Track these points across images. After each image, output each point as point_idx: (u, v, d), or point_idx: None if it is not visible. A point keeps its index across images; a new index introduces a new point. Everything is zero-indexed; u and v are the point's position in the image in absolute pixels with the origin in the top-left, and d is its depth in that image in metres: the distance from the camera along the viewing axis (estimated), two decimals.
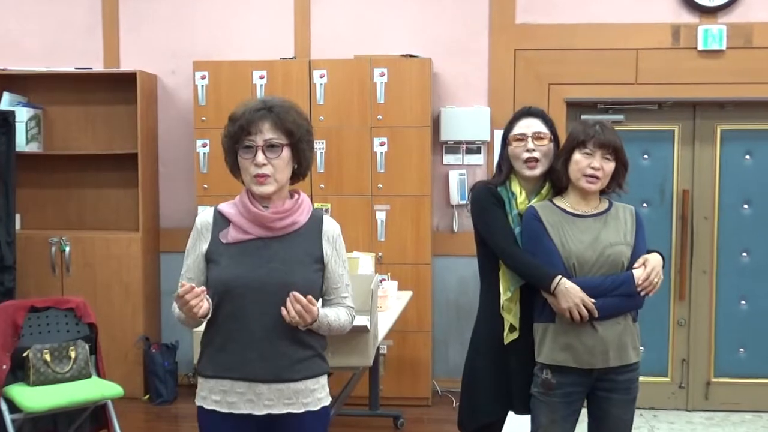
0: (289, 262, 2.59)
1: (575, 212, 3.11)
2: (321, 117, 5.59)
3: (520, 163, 3.22)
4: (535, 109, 3.32)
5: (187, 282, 2.62)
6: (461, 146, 5.86)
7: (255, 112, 2.57)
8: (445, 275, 5.95)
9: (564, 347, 3.05)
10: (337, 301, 2.71)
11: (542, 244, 3.07)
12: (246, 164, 2.58)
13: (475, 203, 3.29)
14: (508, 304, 3.19)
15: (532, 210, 3.13)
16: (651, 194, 5.86)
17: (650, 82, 5.70)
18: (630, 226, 3.12)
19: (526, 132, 3.22)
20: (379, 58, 5.67)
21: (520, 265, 3.12)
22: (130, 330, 5.84)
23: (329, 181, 5.64)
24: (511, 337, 3.19)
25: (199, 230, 2.66)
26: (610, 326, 3.04)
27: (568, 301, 2.99)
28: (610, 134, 3.08)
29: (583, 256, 3.03)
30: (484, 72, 5.88)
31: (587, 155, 3.06)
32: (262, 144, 2.55)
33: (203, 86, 5.70)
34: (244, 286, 2.55)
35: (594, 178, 3.05)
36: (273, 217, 2.59)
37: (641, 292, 3.03)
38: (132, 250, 5.83)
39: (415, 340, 5.69)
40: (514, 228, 3.18)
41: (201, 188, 5.71)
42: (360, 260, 4.64)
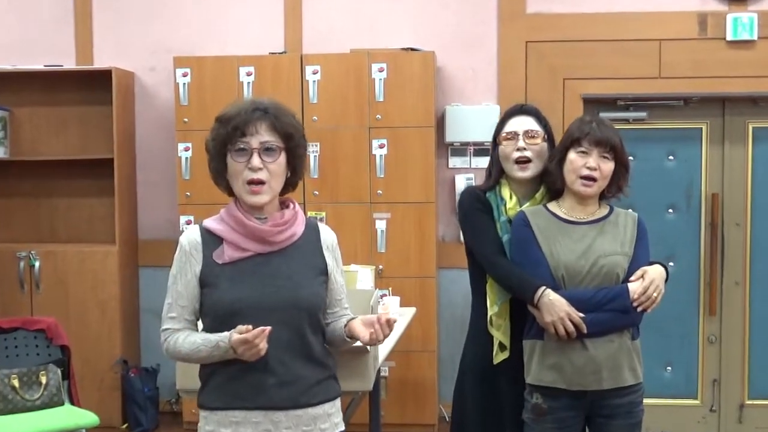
0: (295, 278, 2.60)
1: (569, 218, 3.11)
2: (314, 117, 5.60)
3: (510, 164, 3.23)
4: (528, 106, 3.34)
5: (181, 310, 2.61)
6: (468, 148, 5.86)
7: (251, 112, 2.57)
8: (452, 289, 5.95)
9: (552, 367, 3.05)
10: (342, 313, 2.74)
11: (529, 253, 3.07)
12: (238, 169, 2.57)
13: (461, 209, 3.32)
14: (497, 319, 3.20)
15: (521, 215, 3.13)
16: (677, 199, 5.87)
17: (675, 76, 5.71)
18: (630, 235, 3.11)
19: (517, 130, 3.24)
20: (377, 52, 5.68)
21: (502, 274, 3.14)
22: (106, 352, 5.83)
23: (324, 188, 5.65)
24: (500, 357, 3.20)
25: (188, 251, 2.62)
26: (603, 344, 3.02)
27: (552, 315, 2.98)
28: (608, 131, 3.08)
29: (573, 267, 3.02)
30: (492, 66, 5.89)
31: (583, 154, 3.06)
32: (258, 146, 2.55)
33: (185, 84, 5.71)
34: (251, 307, 2.54)
35: (590, 180, 3.05)
36: (273, 230, 2.59)
37: (637, 308, 3.02)
38: (108, 264, 5.83)
39: (419, 360, 5.69)
40: (502, 236, 3.19)
41: (183, 196, 5.72)
42: (358, 274, 4.64)
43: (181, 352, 2.61)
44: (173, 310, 2.63)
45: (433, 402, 5.73)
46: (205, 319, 2.62)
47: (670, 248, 5.79)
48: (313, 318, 2.62)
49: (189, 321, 2.63)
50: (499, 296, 3.18)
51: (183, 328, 2.62)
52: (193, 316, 2.64)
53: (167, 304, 2.65)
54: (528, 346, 3.12)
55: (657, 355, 5.84)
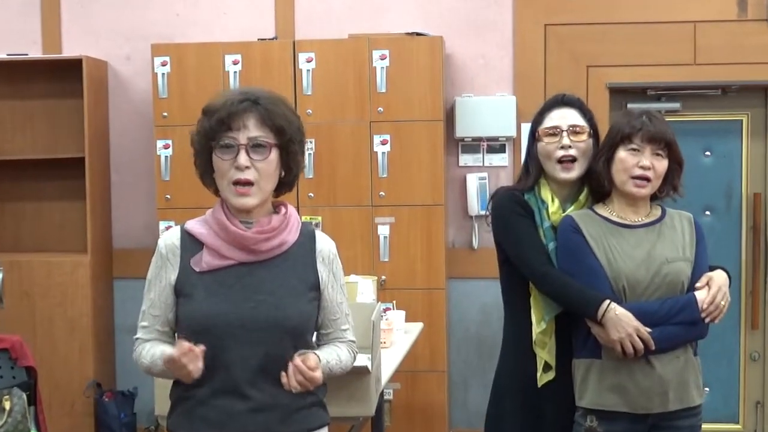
0: (280, 293, 2.58)
1: (622, 222, 3.11)
2: (309, 110, 5.60)
3: (552, 164, 3.22)
4: (570, 97, 3.32)
5: (153, 319, 2.62)
6: (481, 144, 5.86)
7: (238, 103, 2.55)
8: (464, 303, 5.94)
9: (613, 388, 3.04)
10: (336, 336, 2.72)
11: (584, 262, 3.06)
12: (224, 167, 2.56)
13: (497, 214, 3.29)
14: (542, 337, 3.18)
15: (569, 220, 3.12)
16: (715, 199, 5.87)
17: (712, 62, 5.71)
18: (689, 238, 3.12)
19: (560, 125, 3.22)
20: (379, 37, 5.68)
21: (557, 288, 3.11)
22: (77, 374, 5.83)
23: (320, 189, 5.65)
24: (545, 378, 3.19)
25: (164, 255, 2.63)
26: (669, 361, 3.04)
27: (620, 332, 2.98)
28: (661, 125, 3.09)
29: (635, 276, 3.03)
30: (507, 53, 5.89)
31: (634, 152, 3.06)
32: (246, 142, 2.54)
33: (164, 75, 5.71)
34: (227, 324, 2.54)
35: (644, 180, 3.06)
36: (257, 237, 2.57)
37: (706, 318, 3.04)
38: (79, 276, 5.83)
39: (427, 382, 5.68)
40: (547, 244, 3.18)
41: (163, 199, 5.72)
42: (359, 285, 4.63)
43: (143, 364, 2.63)
44: (145, 318, 2.65)
45: (443, 429, 5.73)
46: (179, 332, 2.62)
47: (710, 255, 5.77)
48: (298, 340, 2.59)
49: (161, 332, 2.64)
50: (547, 311, 3.16)
51: (153, 338, 2.63)
52: (166, 326, 2.64)
53: (141, 312, 2.66)
54: (582, 366, 3.11)
55: None
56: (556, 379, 3.17)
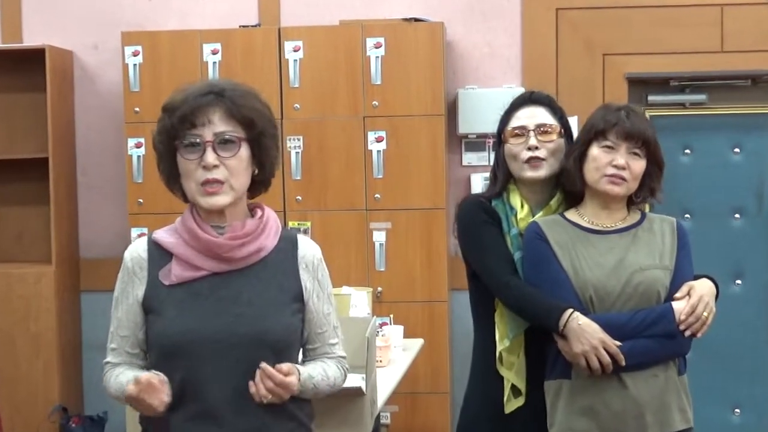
0: (259, 304, 2.57)
1: (593, 227, 3.11)
2: (296, 105, 5.60)
3: (519, 165, 3.22)
4: (539, 94, 3.33)
5: (121, 341, 2.61)
6: (486, 141, 5.86)
7: (201, 96, 2.55)
8: (468, 316, 5.90)
9: (583, 411, 3.02)
10: (324, 350, 2.70)
11: (548, 272, 3.06)
12: (190, 167, 2.54)
13: (461, 223, 3.30)
14: (508, 356, 3.18)
15: (534, 227, 3.13)
16: (744, 200, 5.86)
17: (741, 50, 5.72)
18: (669, 244, 3.10)
19: (527, 124, 3.23)
20: (373, 23, 5.68)
21: (518, 299, 3.12)
22: (41, 397, 5.82)
23: (309, 192, 5.65)
24: (514, 404, 3.17)
25: (130, 269, 2.62)
26: (645, 380, 3.01)
27: (583, 344, 2.95)
28: (640, 122, 3.08)
29: (604, 286, 3.01)
30: (515, 40, 5.90)
31: (608, 149, 3.05)
32: (213, 139, 2.53)
33: (136, 66, 5.71)
34: (201, 342, 2.53)
35: (619, 179, 3.05)
36: (231, 244, 2.56)
37: (685, 331, 3.00)
38: (43, 288, 5.82)
39: (428, 404, 5.68)
40: (514, 253, 3.18)
41: (135, 204, 5.71)
42: (352, 298, 4.64)
43: (111, 393, 2.62)
44: (114, 339, 2.63)
45: None
46: (151, 353, 2.60)
47: (737, 262, 5.79)
48: (281, 357, 2.55)
49: (131, 354, 2.63)
50: (512, 327, 3.15)
51: (123, 362, 2.62)
52: (136, 348, 2.62)
53: (110, 333, 2.65)
54: (552, 387, 3.09)
55: (722, 395, 5.82)
56: (528, 405, 3.16)
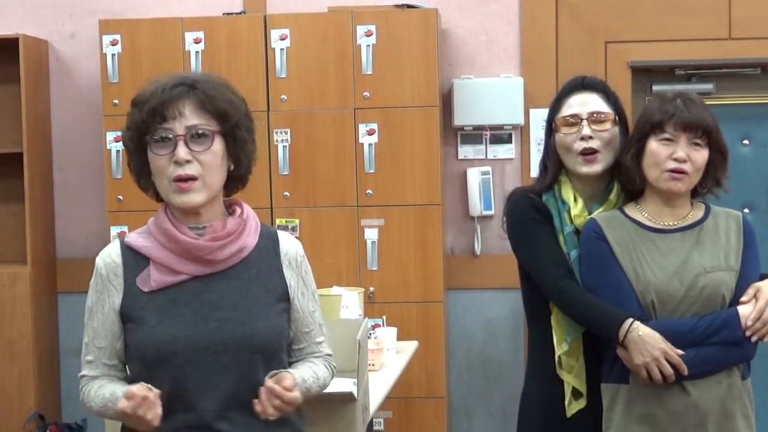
0: (244, 307, 2.59)
1: (655, 226, 3.11)
2: (283, 96, 5.59)
3: (572, 157, 3.23)
4: (591, 79, 3.33)
5: (98, 352, 2.61)
6: (483, 133, 5.86)
7: (171, 89, 2.55)
8: (466, 318, 5.94)
9: (641, 418, 3.04)
10: (311, 350, 2.73)
11: (607, 274, 3.07)
12: (161, 163, 2.55)
13: (510, 221, 3.32)
14: (567, 360, 3.20)
15: (592, 224, 3.13)
16: (754, 195, 5.87)
17: (750, 37, 5.72)
18: (735, 243, 3.10)
19: (580, 112, 3.23)
20: (364, 10, 5.67)
21: (574, 305, 3.13)
22: (16, 405, 5.81)
23: (297, 188, 5.64)
24: (575, 407, 3.20)
25: (104, 277, 2.62)
26: (708, 387, 3.02)
27: (645, 355, 2.99)
28: (699, 110, 3.07)
29: (666, 290, 3.02)
30: (514, 27, 5.89)
31: (667, 142, 3.05)
32: (184, 133, 2.53)
33: (114, 55, 5.70)
34: (187, 350, 2.53)
35: (680, 174, 3.04)
36: (212, 245, 2.57)
37: (751, 337, 3.02)
38: (17, 290, 5.82)
39: (423, 410, 5.67)
40: (568, 252, 3.19)
41: (114, 201, 5.70)
42: (343, 298, 4.63)
43: (93, 408, 2.61)
44: (90, 351, 2.63)
45: None
46: (131, 363, 2.61)
47: None
48: (270, 360, 2.59)
49: (109, 366, 2.63)
50: (569, 331, 3.18)
51: (101, 375, 2.62)
52: (114, 359, 2.63)
53: (84, 345, 2.65)
54: (609, 391, 3.11)
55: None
56: (588, 408, 3.18)
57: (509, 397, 5.70)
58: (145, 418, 2.43)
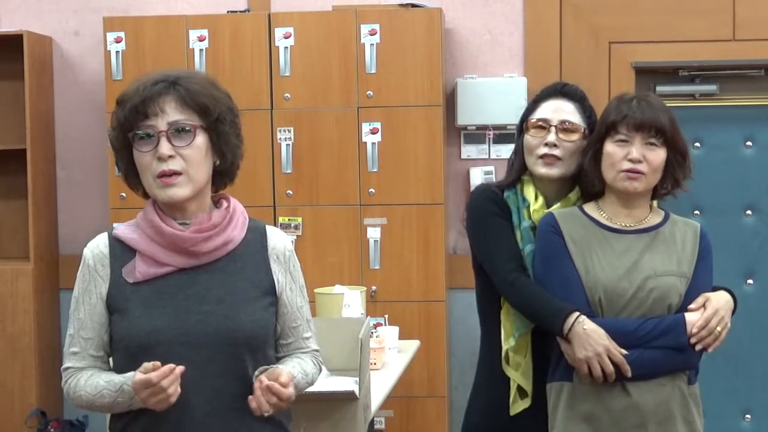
0: (229, 301, 2.59)
1: (611, 225, 3.11)
2: (286, 95, 5.60)
3: (533, 159, 3.24)
4: (571, 88, 3.32)
5: (85, 343, 2.60)
6: (487, 133, 5.87)
7: (152, 86, 2.56)
8: (467, 317, 5.93)
9: (584, 417, 3.04)
10: (298, 345, 2.74)
11: (557, 267, 3.07)
12: (145, 160, 2.57)
13: (470, 214, 3.34)
14: (514, 356, 3.20)
15: (549, 218, 3.13)
16: (756, 196, 5.86)
17: (754, 38, 5.72)
18: (690, 251, 3.10)
19: (551, 118, 3.23)
20: (368, 9, 5.67)
21: (522, 298, 3.13)
22: (18, 401, 5.82)
23: (300, 186, 5.65)
24: (520, 406, 3.20)
25: (92, 267, 2.63)
26: (651, 389, 3.02)
27: (587, 350, 2.98)
28: (652, 109, 3.06)
29: (615, 288, 3.02)
30: (517, 27, 5.89)
31: (622, 143, 3.05)
32: (166, 129, 2.55)
33: (118, 53, 5.70)
34: (170, 342, 2.53)
35: (636, 173, 3.04)
36: (196, 237, 2.58)
37: (696, 345, 3.02)
38: (20, 287, 5.83)
39: (424, 409, 5.69)
40: (524, 247, 3.19)
41: (116, 198, 5.71)
42: (345, 297, 4.64)
43: (82, 398, 2.59)
44: (76, 343, 2.62)
45: None
46: (116, 355, 2.61)
47: (749, 261, 5.79)
48: (256, 354, 2.60)
49: (96, 357, 2.62)
50: (518, 326, 3.18)
51: (88, 366, 2.61)
52: (101, 350, 2.63)
53: (69, 336, 2.64)
54: (553, 390, 3.11)
55: (732, 400, 5.83)
56: (534, 408, 3.17)
57: None
58: (167, 391, 2.42)
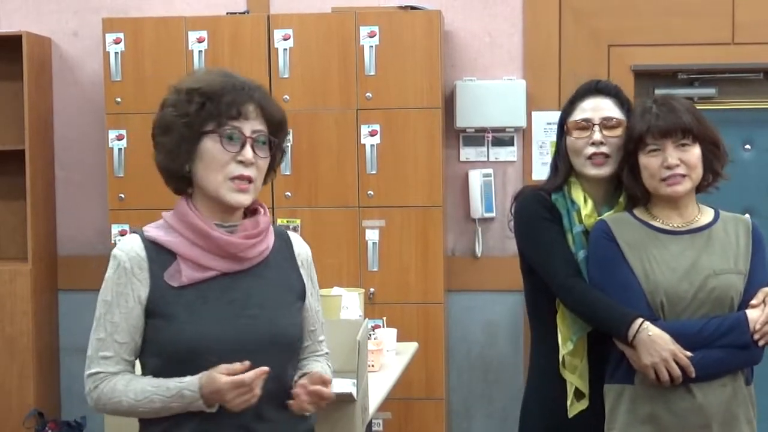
0: (270, 305, 2.62)
1: (665, 227, 3.11)
2: (286, 96, 5.59)
3: (581, 160, 3.24)
4: (605, 84, 3.34)
5: (119, 348, 2.55)
6: (486, 135, 5.86)
7: (240, 90, 2.56)
8: (466, 319, 5.94)
9: (646, 419, 3.04)
10: (314, 348, 2.78)
11: (616, 274, 3.07)
12: (224, 159, 2.55)
13: (519, 217, 3.32)
14: (571, 359, 3.20)
15: (602, 225, 3.14)
16: (756, 199, 5.86)
17: (753, 41, 5.72)
18: (744, 246, 3.11)
19: (592, 117, 3.25)
20: (367, 11, 5.68)
21: (583, 303, 3.13)
22: (16, 402, 5.82)
23: (299, 188, 5.65)
24: (578, 408, 3.21)
25: (129, 270, 2.56)
26: (714, 390, 3.02)
27: (653, 356, 2.98)
28: (674, 113, 3.07)
29: (676, 291, 3.03)
30: (517, 29, 5.89)
31: (655, 152, 3.06)
32: (252, 135, 2.57)
33: (117, 54, 5.70)
34: (219, 347, 2.52)
35: (678, 177, 3.05)
36: (246, 243, 2.59)
37: (759, 341, 3.03)
38: (18, 287, 5.82)
39: (422, 411, 5.68)
40: (577, 252, 3.20)
41: (115, 199, 5.70)
42: (343, 299, 4.64)
43: (122, 403, 2.52)
44: (108, 347, 2.55)
45: None
46: (153, 359, 2.58)
47: None
48: (294, 358, 2.67)
49: (128, 362, 2.58)
50: (575, 330, 3.19)
51: (121, 371, 2.56)
52: (133, 355, 2.59)
53: (97, 340, 2.56)
54: (613, 392, 3.11)
55: None
56: (591, 409, 3.18)
57: (509, 398, 5.72)
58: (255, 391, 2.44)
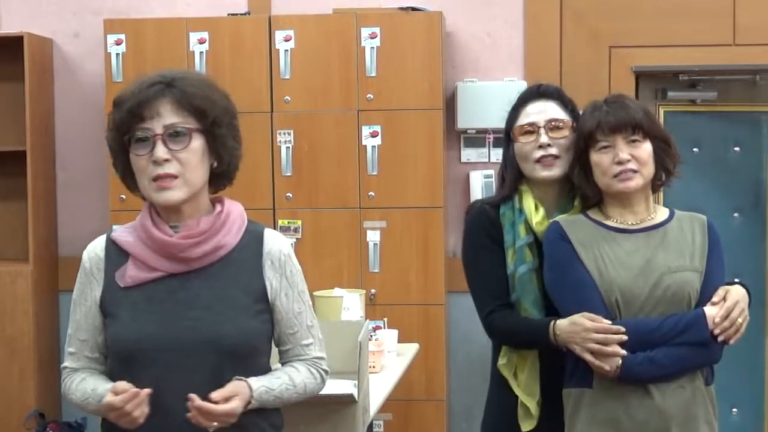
0: (218, 308, 2.58)
1: (619, 226, 3.10)
2: (287, 97, 5.60)
3: (530, 164, 3.21)
4: (547, 87, 3.33)
5: (80, 345, 2.61)
6: (487, 137, 5.88)
7: (148, 88, 2.54)
8: (466, 320, 5.93)
9: (605, 422, 3.02)
10: (296, 352, 2.71)
11: (570, 274, 3.05)
12: (141, 163, 2.55)
13: (464, 240, 3.32)
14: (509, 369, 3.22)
15: (555, 226, 3.12)
16: (742, 199, 5.86)
17: (754, 43, 5.72)
18: (700, 245, 3.09)
19: (537, 120, 3.22)
20: (368, 12, 5.69)
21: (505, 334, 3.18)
22: (16, 403, 5.83)
23: (299, 189, 5.65)
24: (527, 425, 3.19)
25: (88, 270, 2.64)
26: (672, 392, 3.01)
27: (574, 338, 2.98)
28: (624, 108, 3.07)
29: (631, 289, 3.01)
30: (517, 31, 5.90)
31: (606, 149, 3.05)
32: (162, 132, 2.53)
33: (119, 55, 5.71)
34: (156, 348, 2.53)
35: (630, 173, 3.04)
36: (184, 243, 2.56)
37: (718, 337, 3.00)
38: (19, 288, 5.83)
39: (423, 412, 5.69)
40: (517, 268, 3.17)
41: (116, 200, 5.71)
42: (344, 300, 4.64)
43: (73, 400, 2.64)
44: (71, 344, 2.66)
45: None
46: (110, 358, 2.64)
47: (739, 262, 5.79)
48: (242, 363, 2.58)
49: (91, 359, 2.65)
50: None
51: (82, 367, 2.64)
52: (96, 352, 2.65)
53: (67, 336, 2.68)
54: (572, 397, 3.10)
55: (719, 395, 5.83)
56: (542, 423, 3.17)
57: None
58: (133, 415, 2.44)
